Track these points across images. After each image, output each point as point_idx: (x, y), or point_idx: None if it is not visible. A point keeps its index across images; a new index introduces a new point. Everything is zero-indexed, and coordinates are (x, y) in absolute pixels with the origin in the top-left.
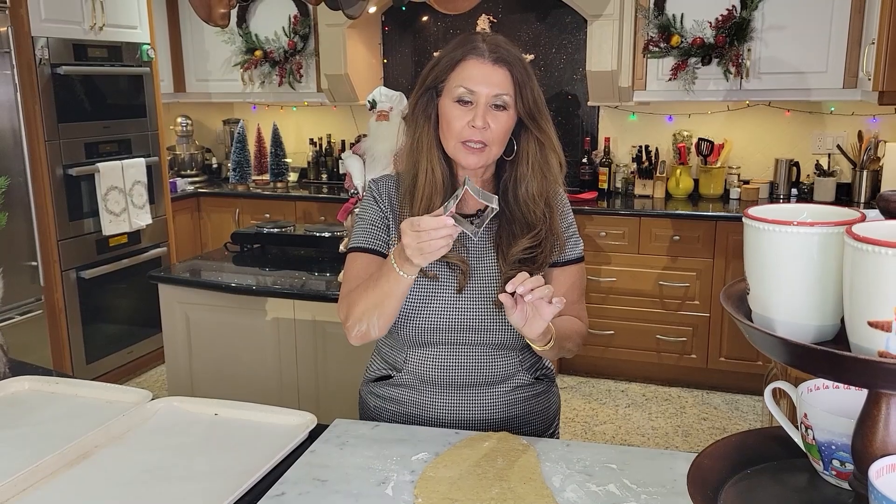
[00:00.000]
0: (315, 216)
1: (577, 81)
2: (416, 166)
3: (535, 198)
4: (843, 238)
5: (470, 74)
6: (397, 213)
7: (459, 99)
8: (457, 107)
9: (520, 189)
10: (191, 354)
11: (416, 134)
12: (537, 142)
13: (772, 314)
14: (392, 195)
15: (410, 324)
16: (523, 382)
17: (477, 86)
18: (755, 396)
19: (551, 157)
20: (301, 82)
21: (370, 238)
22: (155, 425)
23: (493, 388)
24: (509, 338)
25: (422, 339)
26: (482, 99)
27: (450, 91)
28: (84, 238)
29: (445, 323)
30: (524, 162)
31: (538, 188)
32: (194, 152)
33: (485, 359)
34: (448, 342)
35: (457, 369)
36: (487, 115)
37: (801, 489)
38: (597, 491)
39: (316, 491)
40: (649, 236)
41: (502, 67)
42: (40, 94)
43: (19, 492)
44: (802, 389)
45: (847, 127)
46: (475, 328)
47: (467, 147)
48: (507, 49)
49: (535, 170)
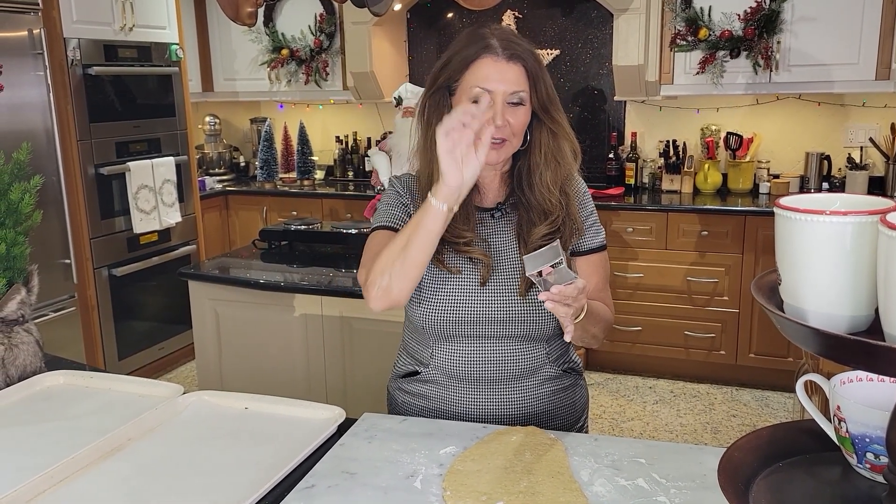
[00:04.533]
0: (341, 213)
1: (603, 76)
2: (431, 164)
3: (549, 186)
4: (876, 227)
5: (485, 74)
6: (417, 203)
7: (476, 99)
8: (473, 107)
9: (534, 178)
10: (220, 350)
11: (430, 132)
12: (549, 131)
13: (804, 305)
14: (413, 190)
15: (436, 316)
16: (550, 375)
17: (493, 85)
18: (785, 393)
19: (564, 144)
20: (327, 80)
21: (392, 217)
22: (186, 419)
23: (520, 382)
24: (536, 328)
25: (448, 332)
26: (499, 97)
27: (465, 91)
28: (115, 236)
29: (471, 315)
30: (537, 151)
31: (552, 176)
32: (222, 151)
33: (511, 352)
34: (474, 334)
35: (483, 363)
36: (505, 111)
37: (835, 482)
38: (626, 485)
39: (345, 484)
40: (677, 231)
41: (516, 63)
42: (72, 94)
43: (55, 483)
44: (835, 382)
45: (880, 119)
46: (501, 319)
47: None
48: (519, 43)
49: (549, 158)
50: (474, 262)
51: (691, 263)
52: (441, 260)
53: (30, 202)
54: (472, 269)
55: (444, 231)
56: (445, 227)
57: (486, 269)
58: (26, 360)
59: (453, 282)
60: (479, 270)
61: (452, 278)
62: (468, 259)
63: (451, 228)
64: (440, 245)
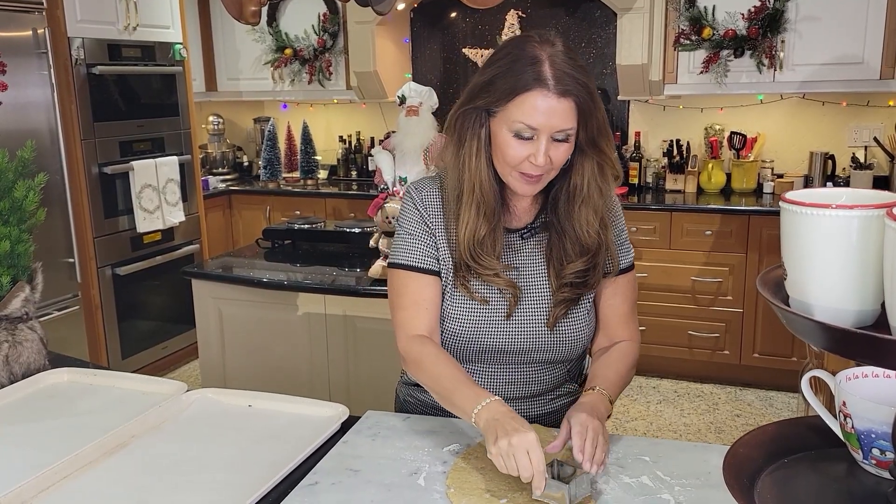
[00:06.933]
0: (345, 213)
1: (606, 76)
2: (461, 184)
3: (589, 218)
4: (883, 221)
5: (532, 110)
6: (441, 221)
7: (518, 134)
8: (514, 140)
9: (574, 206)
10: (224, 349)
11: (462, 151)
12: (594, 160)
13: (810, 299)
14: (436, 203)
15: (458, 344)
16: (569, 391)
17: (540, 122)
18: (790, 393)
19: (608, 172)
20: (330, 80)
21: (418, 255)
22: (190, 416)
23: (538, 399)
24: (561, 355)
25: (469, 358)
26: (544, 135)
27: (507, 121)
28: (119, 235)
29: (495, 345)
30: (578, 174)
31: (594, 205)
32: (226, 150)
33: (533, 374)
34: (496, 361)
35: (504, 384)
36: (549, 148)
37: (840, 478)
38: (630, 483)
39: (348, 481)
40: (681, 231)
41: (568, 99)
42: (76, 93)
43: (59, 480)
44: (841, 378)
45: (884, 119)
46: (526, 349)
47: (523, 177)
48: (573, 75)
49: (592, 185)
50: (503, 291)
51: (695, 263)
52: (467, 287)
53: (34, 200)
54: (500, 299)
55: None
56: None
57: (513, 300)
58: (30, 358)
59: (479, 312)
60: (507, 300)
61: (480, 308)
62: (497, 289)
63: (479, 257)
64: (466, 273)
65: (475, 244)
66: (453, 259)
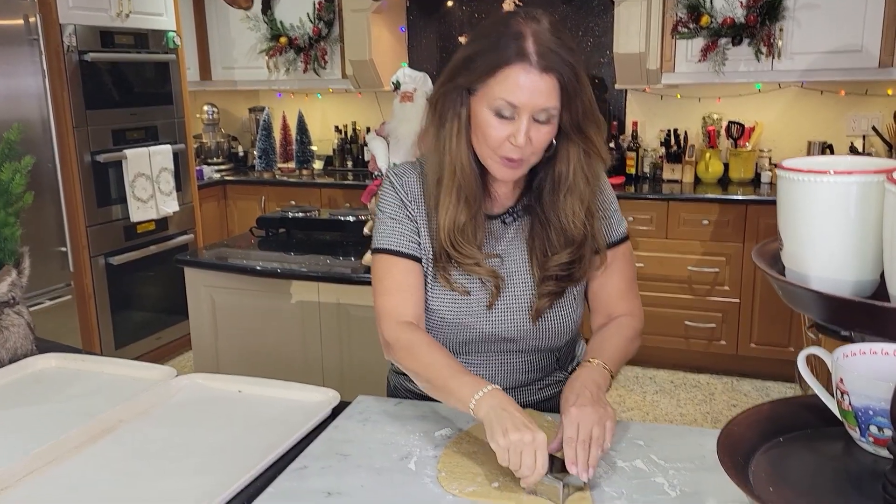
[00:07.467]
0: (340, 203)
1: (604, 65)
2: (442, 167)
3: (575, 209)
4: (882, 187)
5: (513, 86)
6: (423, 209)
7: (499, 112)
8: (495, 118)
9: (559, 193)
10: (217, 338)
11: (442, 133)
12: (580, 147)
13: (807, 270)
14: (416, 191)
15: (440, 335)
16: (558, 380)
17: (521, 99)
18: (786, 383)
19: (595, 160)
20: (326, 69)
21: (403, 241)
22: (179, 401)
23: (527, 387)
24: (546, 344)
25: (451, 349)
26: (525, 114)
27: (488, 99)
28: (112, 224)
29: (478, 336)
30: (563, 161)
31: (580, 194)
32: (220, 140)
33: (519, 363)
34: (480, 351)
35: (488, 375)
36: (530, 129)
37: (837, 457)
38: (623, 466)
39: (338, 465)
40: (678, 221)
41: (551, 76)
42: (68, 81)
43: (44, 464)
44: (838, 355)
45: (883, 108)
46: (510, 338)
47: (504, 161)
48: (558, 51)
49: (578, 174)
50: (484, 282)
51: (692, 253)
52: (448, 279)
53: (21, 182)
54: (481, 290)
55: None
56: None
57: (494, 291)
58: (17, 343)
59: (461, 303)
60: (489, 290)
61: (461, 299)
62: (479, 279)
63: (459, 245)
64: (446, 263)
65: (455, 231)
66: (433, 249)
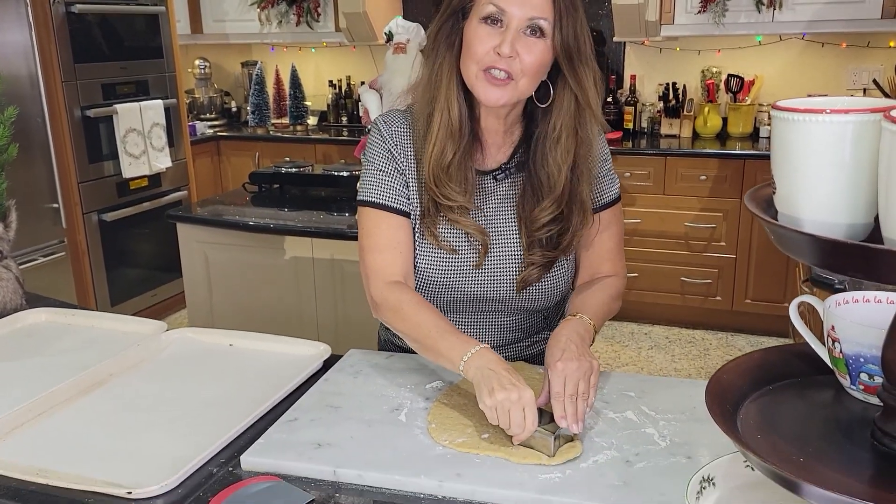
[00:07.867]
0: (335, 159)
1: (602, 17)
2: (433, 103)
3: (559, 163)
4: (879, 127)
5: None
6: (412, 160)
7: (488, 16)
8: (483, 26)
9: (547, 143)
10: (211, 294)
11: (436, 64)
12: (573, 93)
13: (800, 213)
14: (406, 139)
15: (430, 296)
16: (547, 337)
17: (510, 4)
18: (781, 339)
19: (587, 115)
20: (319, 21)
21: (391, 194)
22: (170, 355)
23: (515, 345)
24: (535, 305)
25: (440, 308)
26: (514, 21)
27: (478, 9)
28: (105, 181)
29: (465, 296)
30: (557, 113)
31: (566, 145)
32: (213, 95)
33: (507, 323)
34: (468, 311)
35: (478, 334)
36: (518, 41)
37: (827, 405)
38: (614, 417)
39: (328, 417)
40: (675, 177)
41: None
42: (55, 33)
43: (34, 416)
44: (830, 303)
45: (885, 60)
46: (496, 299)
47: (489, 77)
48: None
49: (567, 125)
50: (471, 239)
51: (689, 209)
52: (435, 235)
53: (5, 134)
54: (469, 248)
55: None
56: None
57: (482, 250)
58: (6, 297)
59: (448, 261)
60: (476, 250)
61: (448, 258)
62: (465, 235)
63: (442, 185)
64: (434, 214)
65: (440, 169)
66: (421, 203)
